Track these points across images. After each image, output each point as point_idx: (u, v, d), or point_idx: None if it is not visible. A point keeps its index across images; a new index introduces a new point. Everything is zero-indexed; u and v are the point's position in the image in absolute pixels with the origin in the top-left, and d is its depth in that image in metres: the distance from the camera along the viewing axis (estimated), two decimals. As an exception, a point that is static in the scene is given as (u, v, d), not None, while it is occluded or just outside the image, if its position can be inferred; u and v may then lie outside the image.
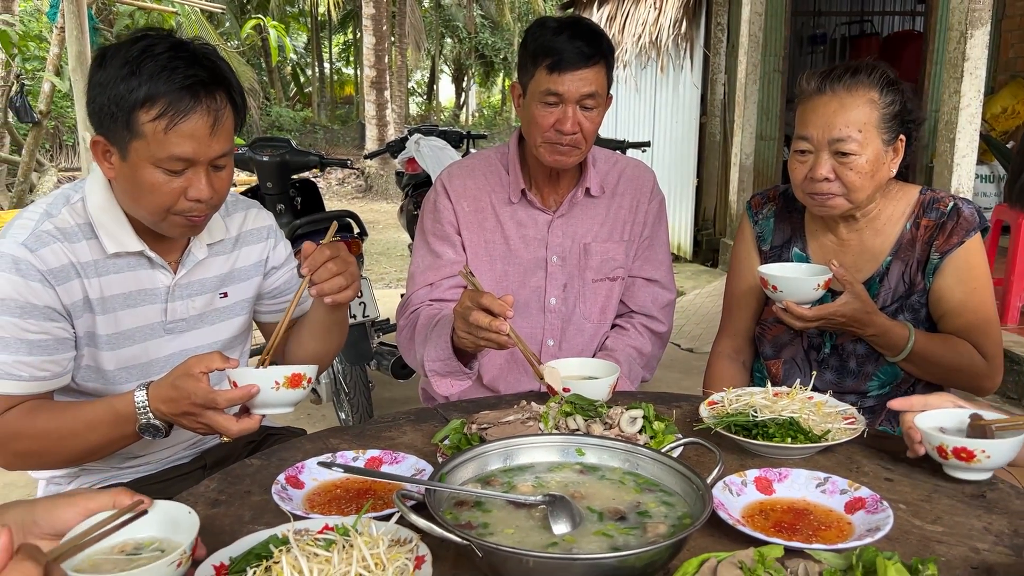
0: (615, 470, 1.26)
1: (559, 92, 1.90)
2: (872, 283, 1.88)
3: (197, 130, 1.43)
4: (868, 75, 1.75)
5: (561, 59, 1.89)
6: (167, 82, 1.40)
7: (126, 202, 1.54)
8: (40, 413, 1.49)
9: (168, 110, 1.40)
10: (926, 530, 1.19)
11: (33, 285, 1.47)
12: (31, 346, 1.47)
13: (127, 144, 1.44)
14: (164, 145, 1.42)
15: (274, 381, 1.35)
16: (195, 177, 1.47)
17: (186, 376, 1.37)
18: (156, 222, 1.52)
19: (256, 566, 0.99)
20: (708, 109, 8.00)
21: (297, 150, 4.14)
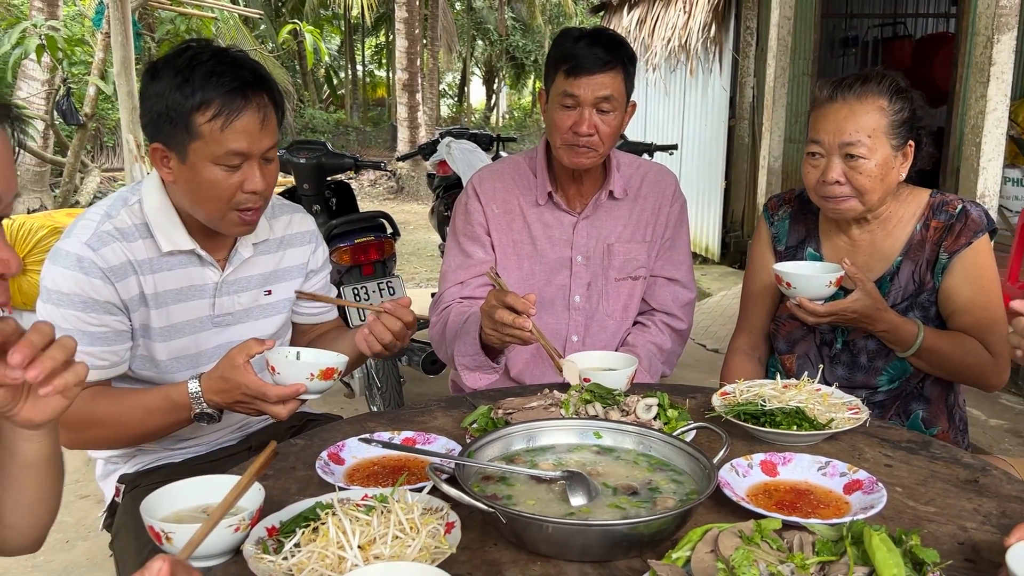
0: (629, 451, 1.37)
1: (575, 95, 2.01)
2: (883, 282, 1.96)
3: (249, 126, 1.57)
4: (878, 83, 1.84)
5: (578, 64, 2.00)
6: (217, 86, 1.54)
7: (186, 202, 1.67)
8: (101, 400, 1.63)
9: (223, 110, 1.54)
10: (919, 510, 1.28)
11: (94, 282, 1.60)
12: (92, 337, 1.61)
13: (186, 146, 1.57)
14: (221, 142, 1.56)
15: (309, 374, 1.49)
16: (249, 171, 1.61)
17: (233, 368, 1.51)
18: (216, 219, 1.65)
19: (304, 527, 1.11)
20: (737, 112, 8.04)
21: (332, 152, 4.28)
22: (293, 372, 1.49)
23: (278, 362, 1.50)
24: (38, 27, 7.66)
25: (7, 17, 9.56)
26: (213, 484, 1.23)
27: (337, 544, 1.05)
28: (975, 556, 1.14)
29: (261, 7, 18.34)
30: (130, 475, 1.81)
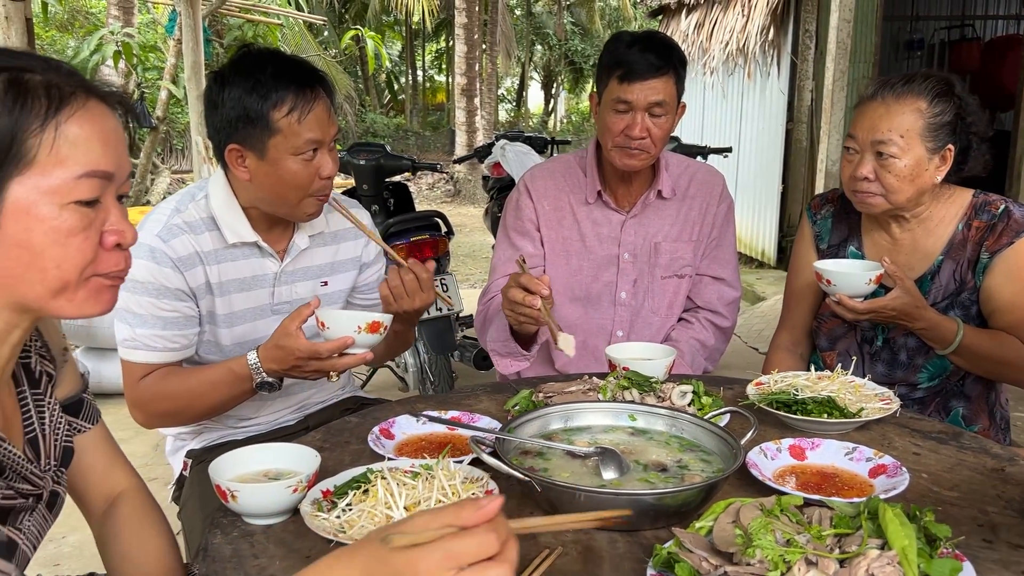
0: (662, 433, 1.44)
1: (628, 100, 2.07)
2: (924, 280, 1.98)
3: (320, 116, 1.71)
4: (920, 84, 1.87)
5: (631, 70, 2.06)
6: (287, 84, 1.68)
7: (265, 196, 1.78)
8: (170, 378, 1.77)
9: (297, 105, 1.68)
10: (943, 495, 1.32)
11: (165, 271, 1.74)
12: (165, 322, 1.75)
13: (266, 143, 1.70)
14: (300, 134, 1.69)
15: (357, 326, 1.57)
16: (323, 158, 1.74)
17: (285, 335, 1.61)
18: (294, 206, 1.77)
19: (355, 489, 1.21)
20: (795, 115, 7.97)
21: (391, 154, 4.42)
22: (341, 326, 1.57)
23: (326, 317, 1.58)
24: (114, 34, 8.02)
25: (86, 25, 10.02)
26: (273, 450, 1.35)
27: (385, 504, 1.15)
28: (993, 536, 1.19)
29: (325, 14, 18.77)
30: (197, 450, 1.94)
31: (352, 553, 0.78)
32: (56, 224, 0.96)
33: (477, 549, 0.74)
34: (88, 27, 9.35)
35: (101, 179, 0.99)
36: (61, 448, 1.19)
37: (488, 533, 0.75)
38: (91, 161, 0.97)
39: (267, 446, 1.36)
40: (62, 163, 0.95)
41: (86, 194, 0.97)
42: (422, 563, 0.73)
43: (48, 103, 0.95)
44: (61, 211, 0.96)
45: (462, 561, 0.74)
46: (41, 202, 0.95)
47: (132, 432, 4.10)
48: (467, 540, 0.74)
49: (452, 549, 0.74)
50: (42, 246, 0.96)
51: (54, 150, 0.95)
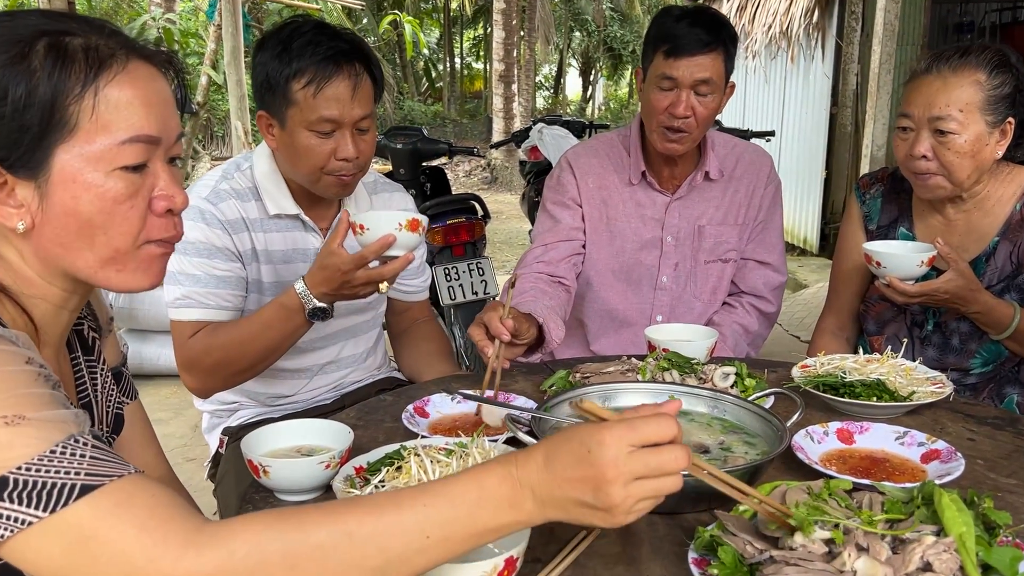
0: (703, 415, 1.40)
1: (674, 76, 1.99)
2: (978, 263, 1.91)
3: (340, 93, 1.66)
4: (977, 56, 1.79)
5: (678, 45, 1.97)
6: (312, 54, 1.65)
7: (286, 168, 1.79)
8: (220, 329, 1.76)
9: (315, 78, 1.64)
10: (1000, 482, 1.26)
11: (216, 231, 1.76)
12: (218, 280, 1.76)
13: (284, 113, 1.69)
14: (314, 108, 1.66)
15: (397, 223, 1.51)
16: (342, 139, 1.70)
17: (328, 255, 1.56)
18: (312, 182, 1.76)
19: (389, 465, 1.18)
20: (839, 100, 7.79)
21: (428, 139, 4.40)
22: (381, 225, 1.51)
23: (364, 219, 1.52)
24: (156, 20, 8.11)
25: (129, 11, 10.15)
26: (306, 426, 1.33)
27: (418, 481, 1.12)
28: (1055, 526, 1.12)
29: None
30: (233, 428, 1.94)
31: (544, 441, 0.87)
32: (102, 191, 0.95)
33: (657, 429, 0.82)
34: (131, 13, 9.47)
35: (146, 143, 0.97)
36: (113, 415, 1.19)
37: (668, 418, 0.83)
38: (134, 125, 0.95)
39: (300, 422, 1.34)
40: (105, 128, 0.94)
41: (131, 159, 0.96)
42: (606, 432, 0.81)
43: (87, 67, 0.93)
44: (107, 178, 0.95)
45: (644, 437, 0.81)
46: (86, 169, 0.94)
47: (172, 413, 4.17)
48: (649, 420, 0.83)
49: (634, 424, 0.82)
50: (89, 214, 0.95)
51: (95, 115, 0.93)
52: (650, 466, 0.81)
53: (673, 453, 0.82)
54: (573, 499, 0.83)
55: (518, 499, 0.84)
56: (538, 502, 0.84)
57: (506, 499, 0.84)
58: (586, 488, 0.81)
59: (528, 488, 0.83)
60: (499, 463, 0.86)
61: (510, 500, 0.84)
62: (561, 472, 0.82)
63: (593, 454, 0.81)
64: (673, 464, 0.82)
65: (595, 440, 0.81)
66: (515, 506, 0.84)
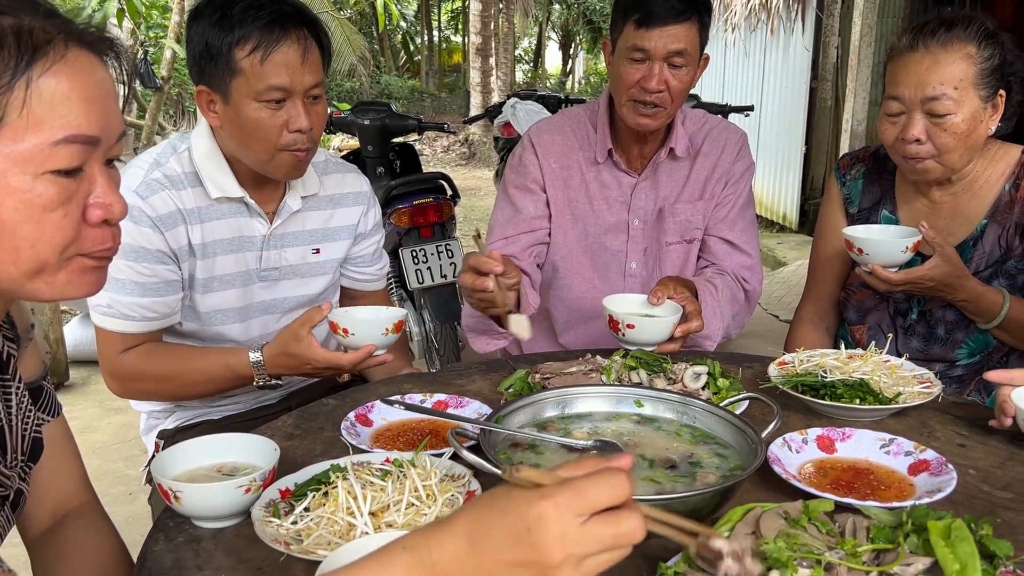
0: (672, 422, 1.27)
1: (646, 48, 1.84)
2: (965, 247, 1.79)
3: (289, 59, 1.53)
4: (964, 28, 1.66)
5: (650, 13, 1.82)
6: (255, 19, 1.52)
7: (234, 146, 1.63)
8: (158, 358, 1.65)
9: (261, 43, 1.51)
10: (994, 496, 1.15)
11: (144, 230, 1.60)
12: (144, 288, 1.61)
13: (228, 84, 1.55)
14: (262, 76, 1.52)
15: (384, 329, 1.51)
16: (293, 108, 1.57)
17: (296, 341, 1.51)
18: (264, 161, 1.61)
19: (315, 490, 1.05)
20: (819, 73, 7.67)
21: (397, 114, 4.23)
22: (367, 332, 1.50)
23: (349, 323, 1.50)
24: (119, -9, 7.81)
25: (92, -17, 9.82)
26: (228, 442, 1.19)
27: (347, 510, 0.99)
28: (1057, 550, 1.01)
29: (337, -28, 18.39)
30: (169, 431, 1.81)
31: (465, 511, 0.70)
32: (29, 197, 0.81)
33: (610, 492, 0.67)
34: (92, -15, 9.14)
35: (84, 144, 0.84)
36: (31, 440, 1.05)
37: (619, 475, 0.68)
38: (71, 123, 0.82)
39: (222, 437, 1.19)
40: (36, 126, 0.81)
41: (65, 163, 0.83)
42: (548, 505, 0.66)
43: (19, 53, 0.80)
44: (35, 182, 0.82)
45: (594, 503, 0.67)
46: (11, 171, 0.80)
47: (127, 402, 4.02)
48: (598, 482, 0.67)
49: (581, 488, 0.67)
50: (14, 223, 0.82)
51: (26, 110, 0.80)
52: (604, 543, 0.67)
53: (630, 523, 0.67)
54: None
55: None
56: None
57: None
58: (527, 574, 0.67)
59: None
60: (405, 548, 0.69)
61: None
62: (492, 556, 0.67)
63: (534, 534, 0.65)
64: (630, 536, 0.68)
65: (535, 515, 0.66)
66: None
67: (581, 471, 0.69)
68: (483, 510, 0.69)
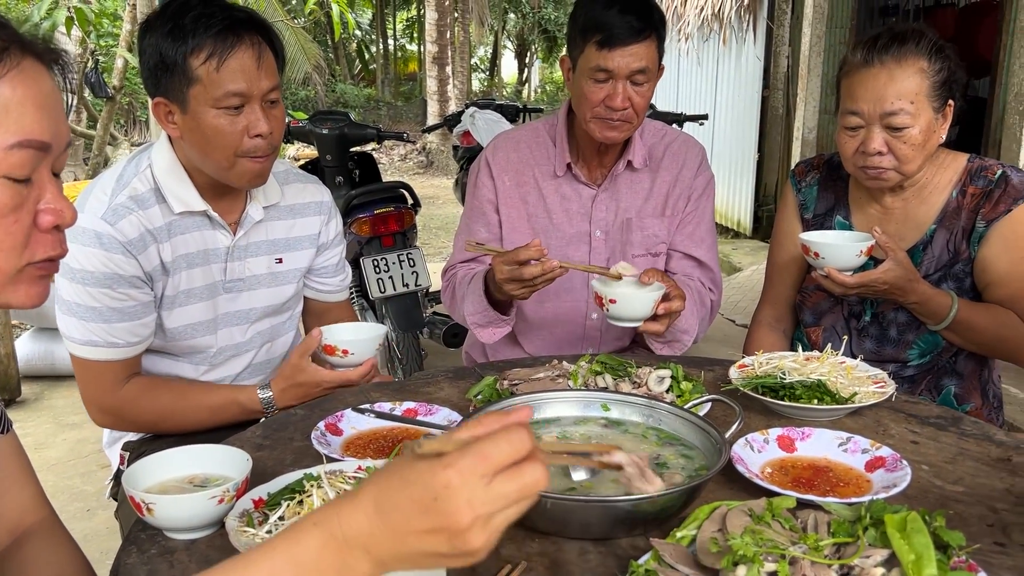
0: (638, 425, 1.30)
1: (609, 68, 1.88)
2: (916, 251, 1.86)
3: (245, 64, 1.54)
4: (916, 43, 1.73)
5: (611, 35, 1.86)
6: (208, 27, 1.52)
7: (195, 156, 1.63)
8: (159, 393, 1.68)
9: (216, 50, 1.52)
10: (946, 490, 1.20)
11: (116, 257, 1.58)
12: (121, 314, 1.60)
13: (186, 93, 1.54)
14: (219, 83, 1.53)
15: (377, 343, 1.65)
16: (252, 114, 1.57)
17: (300, 372, 1.62)
18: (226, 169, 1.61)
19: (290, 499, 1.06)
20: (771, 82, 7.83)
21: (355, 123, 4.23)
22: (365, 348, 1.63)
23: (348, 344, 1.61)
24: None
25: (38, -10, 9.62)
26: (200, 453, 1.19)
27: (322, 517, 1.00)
28: (1005, 539, 1.07)
29: (292, -20, 18.29)
30: (134, 442, 1.79)
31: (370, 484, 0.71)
32: None
33: (510, 449, 0.69)
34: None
35: (36, 150, 0.85)
36: None
37: (519, 429, 0.70)
38: (24, 129, 0.83)
39: (193, 448, 1.19)
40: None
41: (18, 167, 0.84)
42: (452, 473, 0.67)
43: None
44: None
45: (497, 463, 0.68)
46: None
47: (86, 416, 3.94)
48: (499, 441, 0.69)
49: (483, 451, 0.68)
50: None
51: None
52: (511, 499, 0.69)
53: (533, 474, 0.69)
54: (423, 552, 0.70)
55: (349, 563, 0.70)
56: (375, 562, 0.70)
57: (332, 568, 0.70)
58: (439, 540, 0.68)
59: (360, 548, 0.70)
60: (316, 524, 0.71)
61: (338, 569, 0.70)
62: (403, 525, 0.69)
63: (442, 502, 0.67)
64: (534, 487, 0.70)
65: (440, 484, 0.67)
66: (346, 572, 0.70)
67: (482, 429, 0.71)
68: (389, 481, 0.70)
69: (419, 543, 0.69)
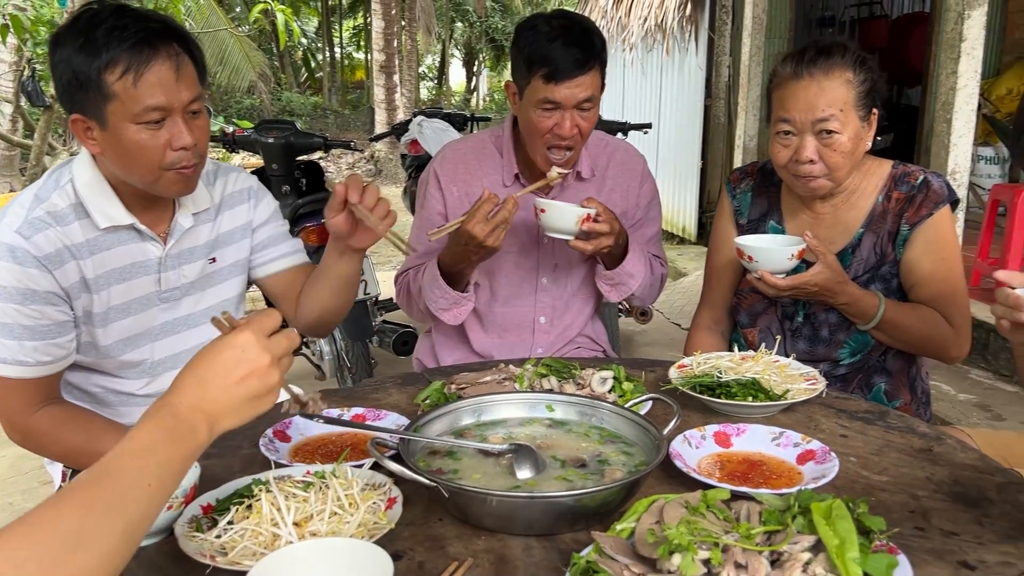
0: (581, 424, 1.35)
1: (556, 100, 1.92)
2: (845, 254, 1.94)
3: (163, 77, 1.48)
4: (842, 56, 1.81)
5: (557, 69, 1.90)
6: (121, 40, 1.45)
7: (118, 171, 1.59)
8: (71, 432, 1.61)
9: (131, 64, 1.46)
10: (872, 480, 1.27)
11: (31, 271, 1.53)
12: (33, 332, 1.54)
13: (103, 110, 1.49)
14: (137, 98, 1.47)
15: None
16: (174, 126, 1.52)
17: None
18: (152, 183, 1.57)
19: (239, 503, 1.08)
20: (713, 92, 8.01)
21: (302, 132, 4.22)
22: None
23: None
24: (3, 6, 7.49)
25: (-27, -2, 9.37)
26: None
27: (271, 521, 1.02)
28: (925, 524, 1.13)
29: (235, -12, 18.08)
30: (77, 457, 1.76)
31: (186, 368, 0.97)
32: None
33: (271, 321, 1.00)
34: (-25, 0, 8.72)
35: None
36: None
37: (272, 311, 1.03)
38: None
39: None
40: None
41: None
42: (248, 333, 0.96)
43: None
44: None
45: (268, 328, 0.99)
46: None
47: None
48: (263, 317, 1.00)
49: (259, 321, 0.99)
50: None
51: None
52: (285, 348, 0.99)
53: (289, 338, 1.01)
54: (244, 397, 0.94)
55: (187, 431, 0.91)
56: (211, 420, 0.93)
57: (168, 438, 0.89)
58: (252, 380, 0.94)
59: (197, 413, 0.92)
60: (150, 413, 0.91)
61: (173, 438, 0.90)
62: (224, 379, 0.93)
63: (248, 352, 0.94)
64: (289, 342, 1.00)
65: (243, 341, 0.95)
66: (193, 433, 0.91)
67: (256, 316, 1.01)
68: (202, 358, 0.95)
69: (239, 389, 0.94)
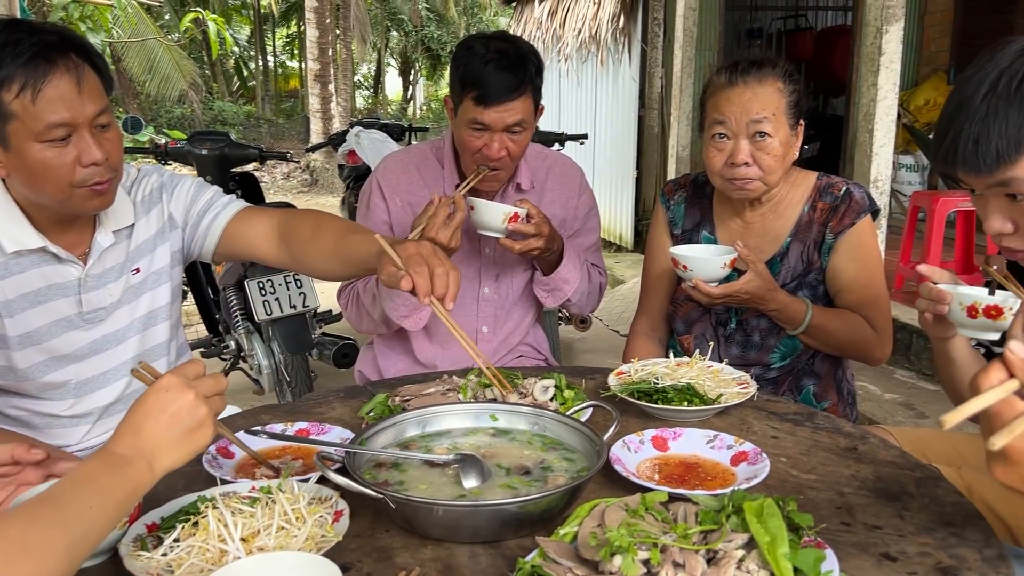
0: (524, 432, 1.38)
1: (485, 123, 1.95)
2: (774, 262, 2.02)
3: (63, 92, 1.42)
4: (773, 68, 1.91)
5: (487, 93, 1.92)
6: (15, 56, 1.39)
7: (27, 193, 1.54)
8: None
9: (28, 81, 1.40)
10: (801, 479, 1.33)
11: None
12: None
13: (4, 131, 1.44)
14: (37, 116, 1.41)
15: None
16: (81, 142, 1.46)
17: None
18: (64, 201, 1.51)
19: (184, 521, 1.08)
20: (646, 102, 8.17)
21: (236, 143, 4.17)
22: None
23: None
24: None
25: None
26: None
27: (218, 537, 1.03)
28: (850, 519, 1.19)
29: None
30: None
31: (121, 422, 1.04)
32: None
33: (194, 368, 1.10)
34: None
35: None
36: None
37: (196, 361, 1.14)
38: None
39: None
40: None
41: None
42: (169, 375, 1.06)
43: None
44: None
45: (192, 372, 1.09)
46: None
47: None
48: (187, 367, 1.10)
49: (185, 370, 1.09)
50: None
51: None
52: (208, 384, 1.08)
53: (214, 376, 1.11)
54: (178, 432, 1.03)
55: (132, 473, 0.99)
56: (151, 459, 1.01)
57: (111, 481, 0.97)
58: (182, 415, 1.03)
59: (137, 456, 1.00)
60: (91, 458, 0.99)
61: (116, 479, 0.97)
62: (155, 420, 1.02)
63: (171, 391, 1.03)
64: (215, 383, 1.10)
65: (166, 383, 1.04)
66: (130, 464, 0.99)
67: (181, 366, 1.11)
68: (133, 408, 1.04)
69: (171, 426, 1.02)
